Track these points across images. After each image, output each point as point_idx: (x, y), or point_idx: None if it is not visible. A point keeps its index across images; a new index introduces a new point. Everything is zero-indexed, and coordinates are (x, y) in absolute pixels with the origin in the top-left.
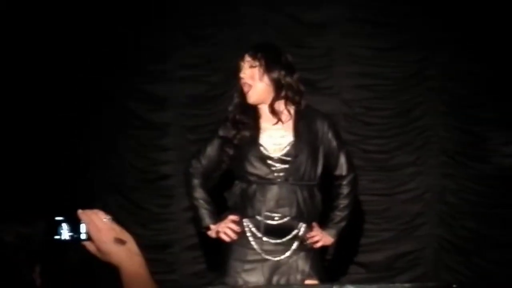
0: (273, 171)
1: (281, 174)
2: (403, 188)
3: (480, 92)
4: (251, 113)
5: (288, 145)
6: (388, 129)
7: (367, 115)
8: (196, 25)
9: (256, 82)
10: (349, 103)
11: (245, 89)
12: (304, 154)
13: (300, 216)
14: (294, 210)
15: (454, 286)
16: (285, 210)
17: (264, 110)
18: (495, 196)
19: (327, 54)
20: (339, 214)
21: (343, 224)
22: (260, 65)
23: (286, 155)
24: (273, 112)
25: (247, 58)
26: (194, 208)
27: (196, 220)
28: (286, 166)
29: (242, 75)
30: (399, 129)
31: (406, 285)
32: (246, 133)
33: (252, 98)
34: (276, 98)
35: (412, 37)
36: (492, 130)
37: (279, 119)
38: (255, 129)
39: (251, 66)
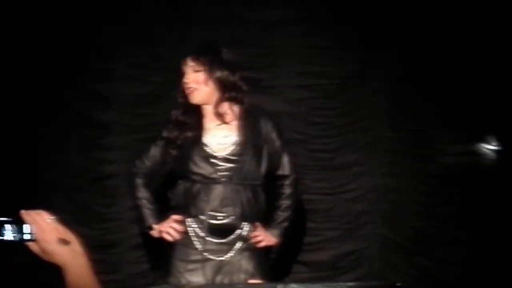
0: (217, 171)
1: (225, 173)
2: (347, 188)
3: (423, 91)
4: (195, 114)
5: (232, 144)
6: (332, 128)
7: (311, 114)
8: (141, 24)
9: (201, 86)
10: (293, 102)
11: (189, 92)
12: (248, 154)
13: (243, 216)
14: (237, 210)
15: (398, 284)
16: (229, 209)
17: (208, 110)
18: (438, 195)
19: (270, 53)
20: (281, 214)
21: (286, 224)
22: (204, 69)
23: (230, 154)
24: (218, 113)
25: (190, 63)
26: (137, 208)
27: (139, 220)
28: (231, 165)
29: (186, 80)
30: (342, 129)
31: (350, 284)
32: (189, 134)
33: (195, 99)
34: (221, 99)
35: (355, 37)
36: (436, 129)
37: (224, 121)
38: (199, 129)
39: (195, 71)
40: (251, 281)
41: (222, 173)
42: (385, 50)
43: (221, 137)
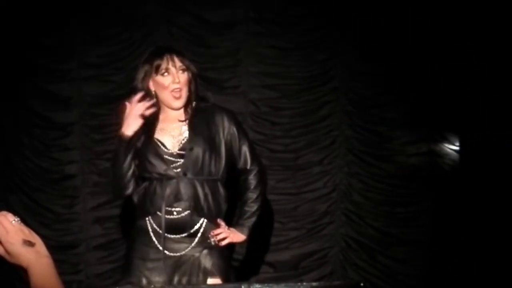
0: (171, 167)
1: (179, 169)
2: (310, 187)
3: (384, 92)
4: (153, 115)
5: (184, 139)
6: (295, 128)
7: (274, 114)
8: (100, 25)
9: (185, 88)
10: (255, 102)
11: (176, 95)
12: (200, 148)
13: (200, 211)
14: (193, 205)
15: (362, 284)
16: (184, 204)
17: (166, 108)
18: (399, 195)
19: (233, 53)
20: (248, 209)
21: (253, 219)
22: (188, 69)
23: (181, 149)
24: (187, 112)
25: (178, 63)
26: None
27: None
28: (183, 160)
29: (176, 80)
30: (305, 129)
31: (314, 284)
32: (144, 135)
33: (182, 102)
34: (190, 97)
35: (316, 37)
36: (397, 130)
37: (190, 119)
38: (153, 128)
39: (182, 70)
40: (210, 280)
41: (176, 170)
42: (345, 51)
43: (176, 134)
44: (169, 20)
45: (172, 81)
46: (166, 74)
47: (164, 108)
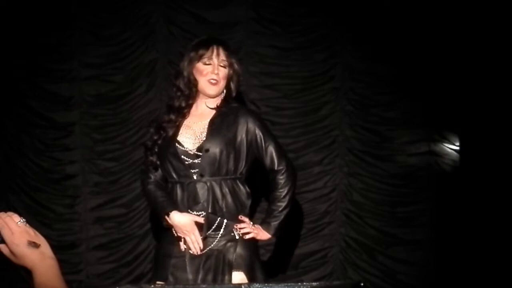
0: (189, 168)
1: (196, 170)
2: (310, 187)
3: (384, 92)
4: (178, 113)
5: (202, 139)
6: (295, 128)
7: (274, 114)
8: (100, 25)
9: (223, 82)
10: (255, 102)
11: (212, 82)
12: (216, 148)
13: (219, 211)
14: (211, 206)
15: (362, 284)
16: (201, 206)
17: (200, 106)
18: (399, 195)
19: None
20: (274, 208)
21: (280, 217)
22: (231, 66)
23: (199, 149)
24: (220, 110)
25: (222, 56)
26: (154, 204)
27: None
28: (200, 161)
29: (215, 71)
30: (305, 129)
31: (314, 284)
32: (167, 137)
33: (216, 92)
34: (226, 94)
35: (316, 37)
36: (396, 130)
37: (211, 118)
38: (177, 128)
39: (224, 65)
40: (234, 274)
41: (193, 170)
42: (345, 51)
43: (198, 133)
44: (169, 20)
45: (211, 71)
46: (207, 63)
47: (198, 101)
